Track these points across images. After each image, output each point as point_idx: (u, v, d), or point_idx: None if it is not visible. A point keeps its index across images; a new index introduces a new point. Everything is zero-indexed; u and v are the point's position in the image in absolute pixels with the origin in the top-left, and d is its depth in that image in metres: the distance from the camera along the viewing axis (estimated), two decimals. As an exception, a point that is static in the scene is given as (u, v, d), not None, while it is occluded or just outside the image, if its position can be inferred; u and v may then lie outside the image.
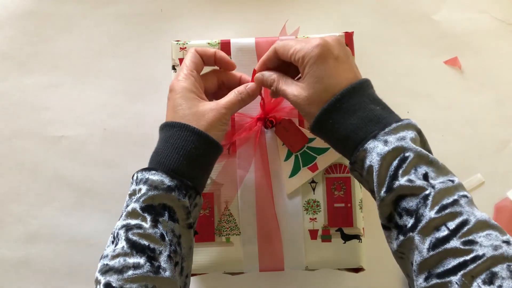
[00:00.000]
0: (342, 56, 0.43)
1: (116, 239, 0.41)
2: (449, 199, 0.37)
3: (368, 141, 0.40)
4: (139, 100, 0.64)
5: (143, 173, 0.43)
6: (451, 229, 0.36)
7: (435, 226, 0.36)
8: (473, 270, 0.34)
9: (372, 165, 0.40)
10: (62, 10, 0.66)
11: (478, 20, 0.66)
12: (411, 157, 0.39)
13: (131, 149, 0.64)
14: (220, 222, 0.55)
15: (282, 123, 0.55)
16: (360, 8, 0.66)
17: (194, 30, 0.65)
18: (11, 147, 0.64)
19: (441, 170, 0.39)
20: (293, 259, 0.55)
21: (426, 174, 0.38)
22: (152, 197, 0.41)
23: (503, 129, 0.65)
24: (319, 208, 0.56)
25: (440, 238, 0.36)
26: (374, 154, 0.40)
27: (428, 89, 0.65)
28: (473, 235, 0.35)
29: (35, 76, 0.65)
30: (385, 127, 0.40)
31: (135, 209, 0.41)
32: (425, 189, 0.38)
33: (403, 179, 0.38)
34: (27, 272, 0.63)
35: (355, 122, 0.41)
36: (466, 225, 0.36)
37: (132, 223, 0.41)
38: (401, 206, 0.39)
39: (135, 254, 0.39)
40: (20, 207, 0.63)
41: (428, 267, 0.36)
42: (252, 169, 0.56)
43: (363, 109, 0.41)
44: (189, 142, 0.44)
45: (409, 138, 0.40)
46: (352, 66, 0.44)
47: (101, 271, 0.39)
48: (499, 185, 0.64)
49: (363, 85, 0.43)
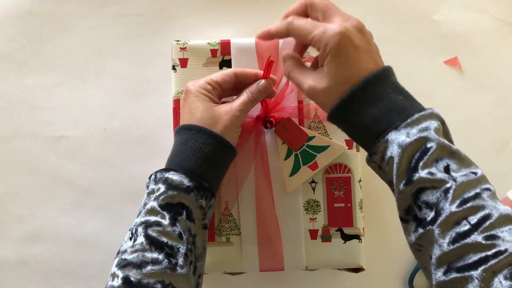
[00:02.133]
0: (363, 45, 0.41)
1: (134, 235, 0.41)
2: (470, 193, 0.36)
3: (389, 132, 0.39)
4: (139, 100, 0.64)
5: (163, 173, 0.43)
6: (472, 223, 0.35)
7: (456, 220, 0.36)
8: (494, 265, 0.33)
9: (392, 156, 0.39)
10: (62, 10, 0.66)
11: (478, 20, 0.66)
12: (433, 149, 0.38)
13: (131, 149, 0.64)
14: (220, 222, 0.55)
15: (282, 122, 0.55)
16: (360, 8, 0.66)
17: (194, 30, 0.65)
18: (11, 147, 0.64)
19: (463, 161, 0.38)
20: (293, 259, 0.55)
21: (447, 167, 0.37)
22: (172, 196, 0.42)
23: (503, 129, 0.65)
24: (319, 208, 0.56)
25: (461, 233, 0.35)
26: (395, 146, 0.39)
27: (428, 89, 0.65)
28: (495, 230, 0.34)
29: (35, 76, 0.65)
30: (407, 117, 0.39)
31: (154, 207, 0.42)
32: (446, 182, 0.37)
33: (424, 172, 0.37)
34: (27, 272, 0.63)
35: (376, 112, 0.40)
36: (488, 220, 0.35)
37: (151, 220, 0.41)
38: (421, 199, 0.38)
39: (153, 250, 0.40)
40: (20, 207, 0.63)
41: (447, 261, 0.36)
42: (252, 169, 0.56)
43: (385, 99, 0.40)
44: (206, 145, 0.44)
45: (432, 128, 0.39)
46: (373, 54, 0.42)
47: (119, 265, 0.40)
48: (499, 185, 0.63)
49: (385, 74, 0.41)
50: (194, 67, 0.57)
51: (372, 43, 0.43)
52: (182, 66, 0.57)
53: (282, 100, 0.56)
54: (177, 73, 0.57)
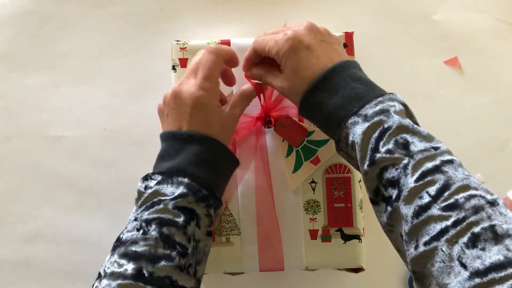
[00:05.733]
0: (314, 43, 0.44)
1: (144, 228, 0.41)
2: (429, 165, 0.37)
3: (349, 118, 0.41)
4: (139, 100, 0.64)
5: (179, 178, 0.43)
6: (432, 195, 0.36)
7: (417, 193, 0.36)
8: (455, 235, 0.34)
9: (354, 140, 0.41)
10: (62, 10, 0.66)
11: (478, 20, 0.66)
12: (392, 128, 0.39)
13: (131, 149, 0.64)
14: (220, 222, 0.55)
15: (280, 120, 0.55)
16: (360, 8, 0.66)
17: (194, 30, 0.65)
18: (11, 147, 0.64)
19: (424, 137, 0.39)
20: (293, 259, 0.55)
21: (406, 143, 0.38)
22: (189, 201, 0.42)
23: (503, 129, 0.65)
24: (319, 208, 0.56)
25: (423, 206, 0.36)
26: (356, 129, 0.40)
27: (428, 89, 0.65)
28: (453, 198, 0.35)
29: (35, 76, 0.65)
30: (366, 103, 0.41)
31: (171, 207, 0.42)
32: (403, 158, 0.38)
33: (383, 150, 0.38)
34: (27, 272, 0.63)
35: (336, 101, 0.42)
36: (447, 190, 0.35)
37: (165, 218, 0.42)
38: (385, 178, 0.39)
39: (167, 247, 0.40)
40: (20, 207, 0.63)
41: (415, 236, 0.36)
42: (252, 169, 0.56)
43: (344, 88, 0.42)
44: (217, 157, 0.46)
45: (392, 110, 0.40)
46: (327, 50, 0.45)
47: (128, 256, 0.40)
48: (499, 185, 0.64)
49: (342, 66, 0.43)
50: (194, 67, 0.57)
51: (327, 40, 0.46)
52: (182, 66, 0.57)
53: (282, 100, 0.56)
54: (177, 73, 0.57)
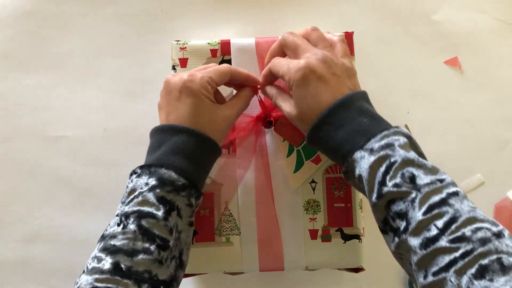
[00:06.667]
0: (326, 74, 0.45)
1: (124, 222, 0.42)
2: (436, 199, 0.38)
3: (355, 151, 0.42)
4: (139, 100, 0.64)
5: (157, 168, 0.44)
6: (440, 227, 0.37)
7: (425, 226, 0.37)
8: (463, 266, 0.35)
9: (361, 174, 0.42)
10: (62, 10, 0.66)
11: (478, 20, 0.66)
12: (398, 162, 0.40)
13: (131, 149, 0.64)
14: (220, 222, 0.55)
15: (280, 120, 0.55)
16: (360, 8, 0.66)
17: (194, 30, 0.65)
18: (11, 147, 0.64)
19: (430, 170, 0.40)
20: (293, 259, 0.55)
21: (412, 177, 0.39)
22: (168, 191, 0.43)
23: (503, 129, 0.65)
24: (319, 208, 0.56)
25: (430, 238, 0.37)
26: (362, 163, 0.42)
27: (428, 89, 0.65)
28: (461, 231, 0.36)
29: (35, 76, 0.65)
30: (372, 137, 0.42)
31: (150, 198, 0.42)
32: (411, 192, 0.39)
33: (390, 184, 0.40)
34: (27, 272, 0.63)
35: (343, 135, 0.44)
36: (454, 223, 0.36)
37: (145, 211, 0.42)
38: (393, 210, 0.40)
39: (145, 240, 0.41)
40: (20, 207, 0.63)
41: (424, 266, 0.37)
42: (252, 169, 0.56)
43: (350, 122, 0.43)
44: (198, 148, 0.46)
45: (396, 144, 0.41)
46: (338, 83, 0.45)
47: (107, 250, 0.40)
48: (499, 185, 0.64)
49: (351, 99, 0.44)
50: (194, 67, 0.56)
51: (339, 73, 0.46)
52: (182, 66, 0.57)
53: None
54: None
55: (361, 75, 0.48)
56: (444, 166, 0.64)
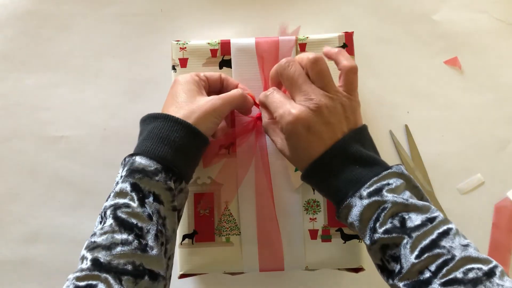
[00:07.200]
0: (318, 127, 0.44)
1: (104, 218, 0.42)
2: (427, 241, 0.39)
3: (347, 200, 0.43)
4: (139, 100, 0.64)
5: (130, 157, 0.44)
6: (432, 271, 0.38)
7: (419, 270, 0.39)
8: None
9: (353, 222, 0.43)
10: (62, 10, 0.66)
11: (478, 20, 0.66)
12: (387, 208, 0.40)
13: (131, 149, 0.63)
14: (220, 222, 0.55)
15: None
16: (360, 8, 0.66)
17: (194, 30, 0.65)
18: (11, 147, 0.64)
19: (420, 210, 0.41)
20: (293, 259, 0.55)
21: (403, 221, 0.40)
22: (139, 179, 0.42)
23: (503, 129, 0.65)
24: (319, 208, 0.56)
25: (424, 281, 0.38)
26: (353, 212, 0.43)
27: (428, 89, 0.65)
28: (453, 274, 0.37)
29: (35, 76, 0.65)
30: (362, 185, 0.42)
31: (123, 189, 0.42)
32: (402, 237, 0.40)
33: (381, 231, 0.41)
34: (27, 272, 0.63)
35: (336, 183, 0.44)
36: (445, 266, 0.37)
37: (120, 202, 0.42)
38: (387, 254, 0.41)
39: (123, 231, 0.40)
40: (20, 207, 0.63)
41: None
42: (252, 169, 0.56)
43: (342, 171, 0.44)
44: (173, 132, 0.45)
45: (385, 189, 0.41)
46: (330, 131, 0.44)
47: (88, 247, 0.40)
48: (499, 185, 0.64)
49: (342, 147, 0.44)
50: (194, 67, 0.57)
51: (332, 121, 0.44)
52: (182, 66, 0.57)
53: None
54: (177, 73, 0.57)
55: (361, 75, 0.48)
56: (444, 166, 0.64)
